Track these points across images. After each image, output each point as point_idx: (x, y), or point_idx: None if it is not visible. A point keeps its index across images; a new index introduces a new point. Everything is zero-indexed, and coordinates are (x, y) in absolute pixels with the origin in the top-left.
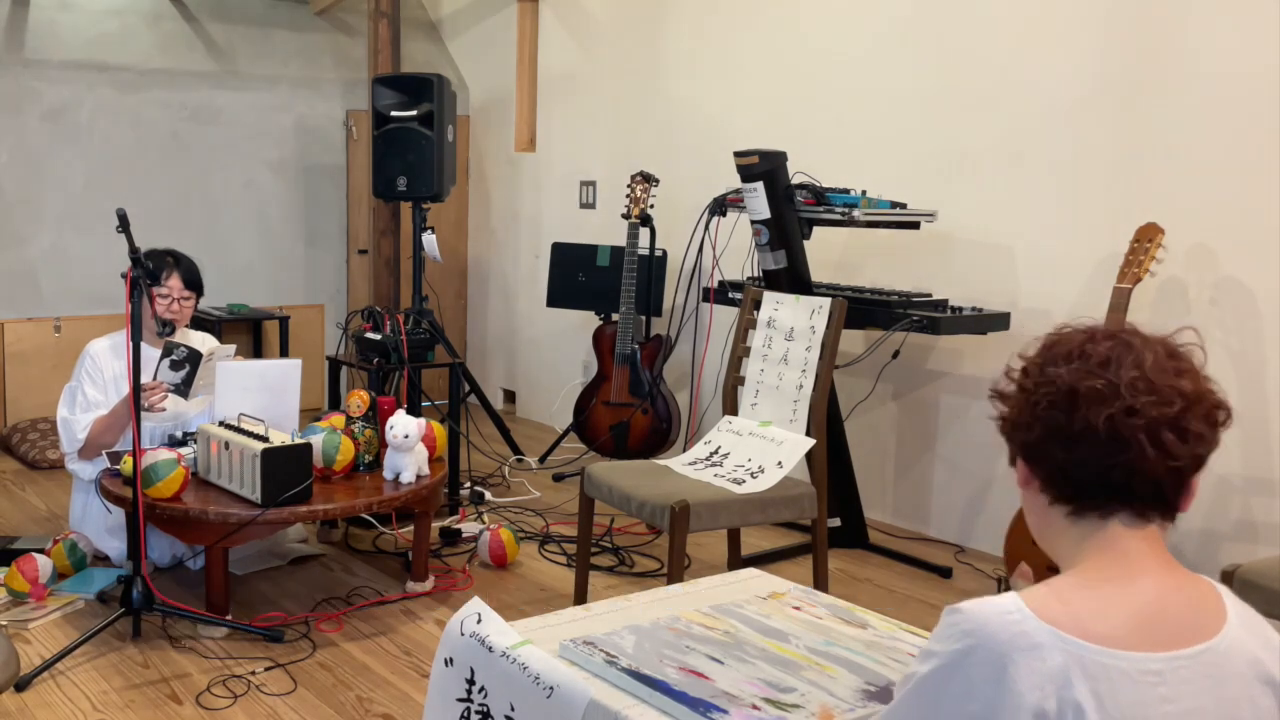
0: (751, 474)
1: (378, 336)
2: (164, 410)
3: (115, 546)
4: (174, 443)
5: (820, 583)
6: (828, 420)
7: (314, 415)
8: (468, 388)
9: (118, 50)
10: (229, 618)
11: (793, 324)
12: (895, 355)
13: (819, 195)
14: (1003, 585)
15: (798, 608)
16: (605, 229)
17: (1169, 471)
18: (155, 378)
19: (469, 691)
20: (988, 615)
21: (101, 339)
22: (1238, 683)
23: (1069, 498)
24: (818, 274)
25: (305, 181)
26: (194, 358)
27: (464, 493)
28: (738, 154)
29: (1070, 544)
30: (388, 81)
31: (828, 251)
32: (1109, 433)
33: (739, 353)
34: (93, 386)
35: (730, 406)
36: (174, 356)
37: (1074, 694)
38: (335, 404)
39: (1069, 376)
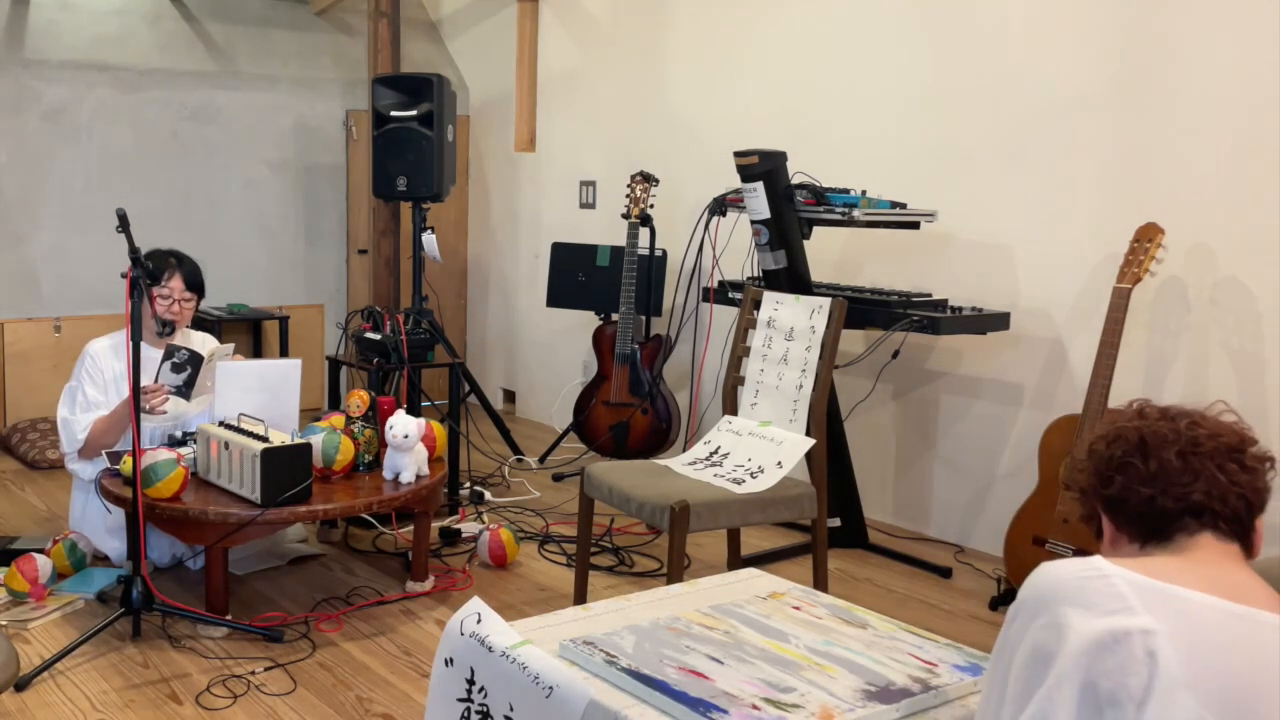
0: (751, 474)
1: (378, 336)
2: (165, 412)
3: (115, 546)
4: (174, 443)
5: (820, 583)
6: (827, 420)
7: (314, 415)
8: (467, 388)
9: (118, 50)
10: (229, 618)
11: (792, 324)
12: (895, 355)
13: (819, 195)
14: (1003, 585)
15: (797, 608)
16: (605, 229)
17: (1239, 497)
18: (156, 380)
19: (469, 691)
20: (1061, 561)
21: (102, 339)
22: None
23: (1156, 529)
24: (818, 274)
25: (305, 181)
26: (195, 360)
27: (464, 493)
28: (737, 154)
29: None
30: (388, 81)
31: (828, 251)
32: (1182, 464)
33: (739, 353)
34: (93, 387)
35: (730, 406)
36: (175, 359)
37: (1139, 620)
38: (335, 404)
39: (1138, 426)
